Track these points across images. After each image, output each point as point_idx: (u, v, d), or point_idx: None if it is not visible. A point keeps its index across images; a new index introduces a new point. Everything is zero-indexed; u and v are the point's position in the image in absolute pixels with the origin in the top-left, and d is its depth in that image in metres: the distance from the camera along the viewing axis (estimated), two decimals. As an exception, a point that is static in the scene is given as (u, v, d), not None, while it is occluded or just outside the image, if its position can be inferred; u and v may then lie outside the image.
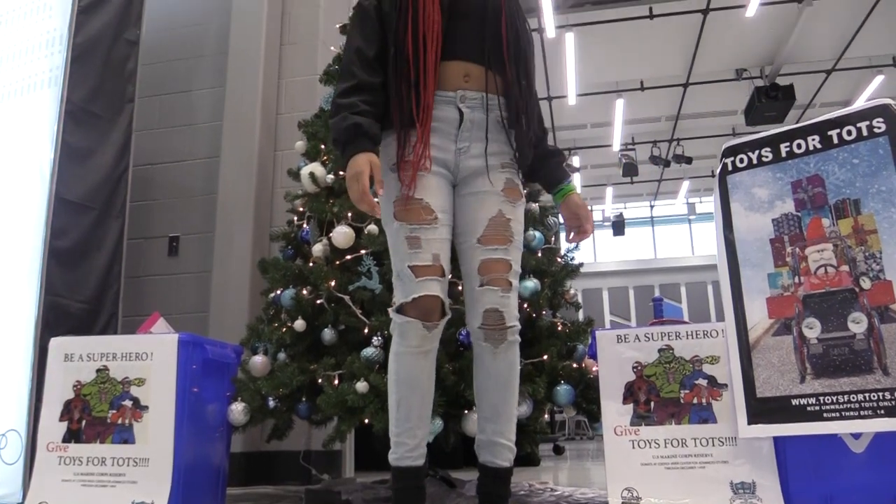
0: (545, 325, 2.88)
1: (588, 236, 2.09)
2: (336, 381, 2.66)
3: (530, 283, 2.80)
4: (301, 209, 3.24)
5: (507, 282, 1.86)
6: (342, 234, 2.91)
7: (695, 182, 16.36)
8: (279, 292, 3.02)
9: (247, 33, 4.47)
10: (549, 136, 2.20)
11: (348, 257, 2.93)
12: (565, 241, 2.20)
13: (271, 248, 3.89)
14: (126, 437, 2.47)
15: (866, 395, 1.86)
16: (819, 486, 1.99)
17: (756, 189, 2.16)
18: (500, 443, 1.90)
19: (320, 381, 2.72)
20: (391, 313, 1.85)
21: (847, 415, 1.88)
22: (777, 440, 2.05)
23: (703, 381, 2.20)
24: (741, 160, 2.20)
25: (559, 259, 3.19)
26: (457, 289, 2.40)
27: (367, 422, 2.55)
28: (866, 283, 1.92)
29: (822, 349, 1.96)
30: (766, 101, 10.44)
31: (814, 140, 2.07)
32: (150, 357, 2.51)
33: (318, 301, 2.87)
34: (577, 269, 3.21)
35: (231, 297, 4.07)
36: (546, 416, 3.02)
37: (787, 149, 2.12)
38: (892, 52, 10.74)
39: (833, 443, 1.96)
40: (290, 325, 2.88)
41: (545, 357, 2.71)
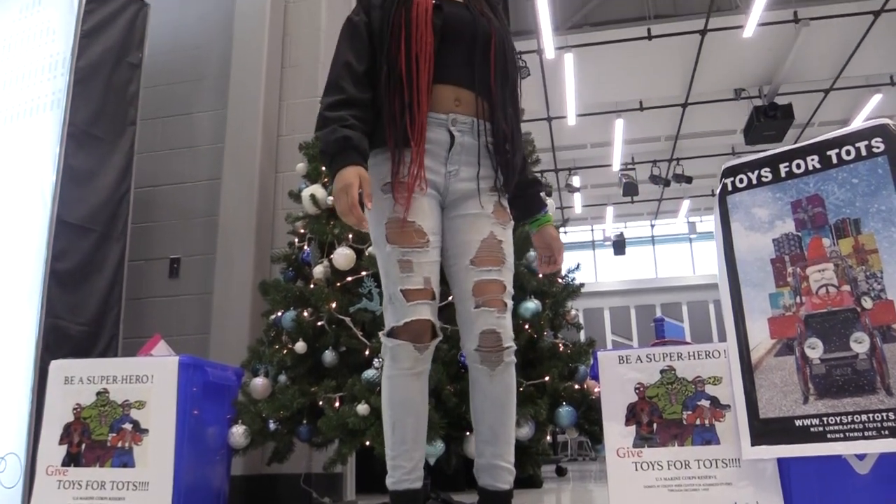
0: (547, 347, 2.88)
1: (558, 268, 2.09)
2: (337, 404, 2.65)
3: (531, 305, 2.80)
4: (302, 231, 3.25)
5: (503, 303, 1.85)
6: (343, 256, 2.91)
7: (695, 201, 16.38)
8: (280, 314, 3.01)
9: (248, 56, 4.50)
10: (541, 158, 2.21)
11: (349, 279, 2.93)
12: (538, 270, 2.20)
13: (272, 269, 3.90)
14: (126, 460, 2.45)
15: (870, 415, 1.84)
16: (824, 507, 1.97)
17: (756, 209, 2.16)
18: (500, 465, 1.89)
19: (321, 403, 2.71)
20: (382, 337, 1.85)
21: (851, 436, 1.86)
22: (781, 461, 2.03)
23: (705, 402, 2.18)
24: (741, 180, 2.21)
25: (560, 280, 3.19)
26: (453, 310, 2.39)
27: (368, 444, 2.54)
28: (868, 303, 1.92)
29: (825, 369, 1.95)
30: (764, 120, 10.48)
31: (813, 160, 2.07)
32: (151, 380, 2.50)
33: (319, 323, 2.87)
34: (578, 289, 3.21)
35: (232, 319, 4.06)
36: (548, 437, 3.01)
37: (787, 169, 2.12)
38: (890, 71, 10.81)
39: (837, 464, 1.94)
40: (290, 347, 2.88)
41: (547, 378, 2.70)
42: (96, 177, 3.67)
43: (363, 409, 2.52)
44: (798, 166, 2.10)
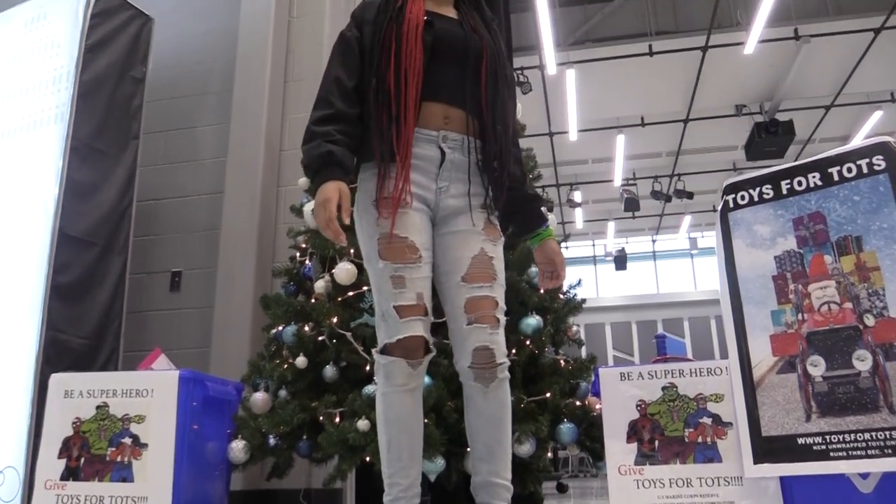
0: (548, 363, 2.87)
1: (561, 283, 2.08)
2: (337, 419, 2.64)
3: (532, 320, 2.79)
4: (303, 245, 3.25)
5: (495, 318, 1.85)
6: (344, 271, 2.91)
7: (696, 217, 16.38)
8: (281, 328, 3.01)
9: (251, 71, 4.52)
10: (543, 173, 2.21)
11: (350, 294, 2.92)
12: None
13: (273, 284, 3.89)
14: (125, 475, 2.44)
15: (873, 434, 1.83)
16: (827, 527, 1.96)
17: (757, 226, 2.16)
18: (496, 483, 1.87)
19: (321, 418, 2.70)
20: (375, 354, 1.84)
21: (854, 454, 1.86)
22: (784, 480, 2.02)
23: (707, 420, 2.18)
24: (742, 197, 2.21)
25: (561, 296, 3.19)
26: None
27: (368, 460, 2.53)
28: (870, 321, 1.91)
29: (828, 387, 1.94)
30: (766, 136, 10.51)
31: (814, 177, 2.08)
32: (151, 394, 2.49)
33: (320, 337, 2.87)
34: (579, 305, 3.20)
35: (233, 333, 4.06)
36: (549, 453, 2.99)
37: (788, 186, 2.12)
38: (890, 88, 10.83)
39: (841, 482, 1.93)
40: (291, 361, 2.87)
41: (548, 395, 2.69)
42: (99, 190, 3.68)
43: (363, 424, 2.51)
44: (799, 183, 2.10)
